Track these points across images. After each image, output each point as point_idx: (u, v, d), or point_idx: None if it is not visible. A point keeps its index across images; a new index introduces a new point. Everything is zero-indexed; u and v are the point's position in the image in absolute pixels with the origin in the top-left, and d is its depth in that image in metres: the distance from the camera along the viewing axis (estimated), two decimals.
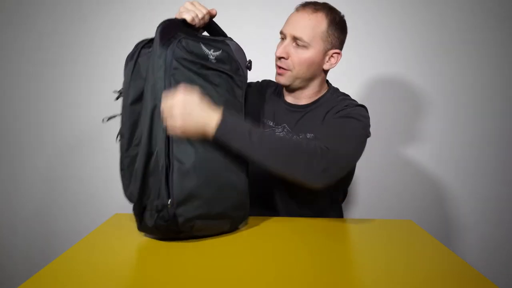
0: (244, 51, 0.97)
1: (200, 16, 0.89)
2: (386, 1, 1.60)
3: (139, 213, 0.84)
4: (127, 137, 0.87)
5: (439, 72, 1.63)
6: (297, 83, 1.07)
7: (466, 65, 1.63)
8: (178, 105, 0.78)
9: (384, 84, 1.64)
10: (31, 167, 1.70)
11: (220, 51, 0.90)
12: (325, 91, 1.12)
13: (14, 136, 1.69)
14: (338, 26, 1.03)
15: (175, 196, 0.79)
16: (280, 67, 1.05)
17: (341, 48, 1.07)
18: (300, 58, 1.02)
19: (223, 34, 0.98)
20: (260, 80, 1.25)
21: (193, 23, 0.89)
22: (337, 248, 0.82)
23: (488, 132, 1.65)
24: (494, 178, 1.67)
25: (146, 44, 0.88)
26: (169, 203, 0.78)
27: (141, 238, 0.88)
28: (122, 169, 0.90)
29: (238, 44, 0.96)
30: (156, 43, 0.82)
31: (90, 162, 1.70)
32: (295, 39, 1.01)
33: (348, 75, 1.61)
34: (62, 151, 1.70)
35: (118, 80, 0.99)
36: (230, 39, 0.97)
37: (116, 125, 0.92)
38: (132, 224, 0.98)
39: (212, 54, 0.88)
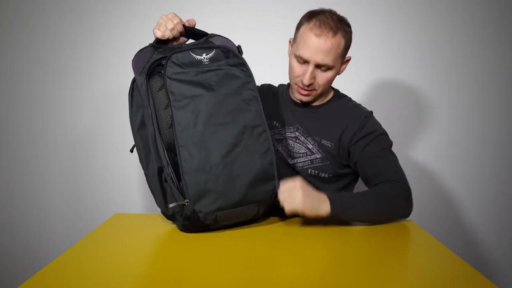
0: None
1: (170, 27, 0.92)
2: (386, 2, 1.60)
3: (171, 219, 0.94)
4: (143, 159, 0.95)
5: (439, 73, 1.63)
6: (317, 98, 1.13)
7: (467, 66, 1.63)
8: (300, 188, 0.89)
9: (384, 85, 1.64)
10: (30, 167, 1.70)
11: (213, 51, 0.93)
12: (332, 94, 1.18)
13: (14, 136, 1.69)
14: (350, 38, 1.07)
15: (190, 195, 0.84)
16: (305, 90, 1.08)
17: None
18: (325, 79, 1.07)
19: (205, 34, 1.00)
20: (259, 86, 1.27)
21: (165, 38, 0.92)
22: (337, 248, 0.82)
23: (488, 132, 1.65)
24: (494, 178, 1.67)
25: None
26: (186, 202, 0.84)
27: (141, 238, 0.88)
28: (149, 186, 0.97)
29: (222, 36, 0.99)
30: (135, 75, 0.91)
31: (90, 162, 1.70)
32: (319, 65, 1.04)
33: (351, 78, 1.61)
34: (62, 151, 1.70)
35: (119, 80, 1.00)
36: (213, 35, 1.00)
37: (116, 127, 0.94)
38: (132, 224, 0.99)
39: (205, 57, 0.92)
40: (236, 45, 1.00)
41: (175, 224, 0.93)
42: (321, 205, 0.90)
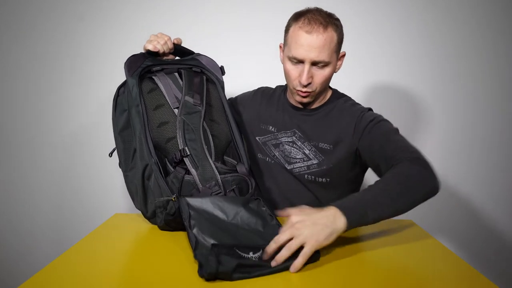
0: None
1: (161, 42, 1.02)
2: (386, 4, 1.61)
3: (150, 217, 0.94)
4: (123, 160, 0.99)
5: (438, 73, 1.63)
6: (316, 98, 1.11)
7: (466, 67, 1.63)
8: (305, 222, 0.72)
9: (385, 84, 1.65)
10: (30, 168, 1.70)
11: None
12: (330, 94, 1.15)
13: (13, 136, 1.69)
14: (341, 32, 1.04)
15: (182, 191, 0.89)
16: (304, 91, 1.05)
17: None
18: (323, 76, 1.03)
19: (191, 53, 1.10)
20: (254, 90, 1.28)
21: (156, 50, 1.01)
22: (337, 248, 0.82)
23: (488, 133, 1.65)
24: (494, 178, 1.67)
25: (122, 85, 1.02)
26: (173, 197, 0.84)
27: (141, 238, 0.88)
28: (127, 188, 1.00)
29: (207, 56, 1.09)
30: (127, 76, 0.97)
31: (89, 162, 1.70)
32: (315, 63, 1.01)
33: (351, 80, 1.61)
34: (61, 151, 1.69)
35: (117, 79, 1.02)
36: (198, 54, 1.09)
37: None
38: (132, 224, 0.99)
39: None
40: (220, 65, 1.08)
41: (155, 222, 0.93)
42: (335, 222, 0.74)
